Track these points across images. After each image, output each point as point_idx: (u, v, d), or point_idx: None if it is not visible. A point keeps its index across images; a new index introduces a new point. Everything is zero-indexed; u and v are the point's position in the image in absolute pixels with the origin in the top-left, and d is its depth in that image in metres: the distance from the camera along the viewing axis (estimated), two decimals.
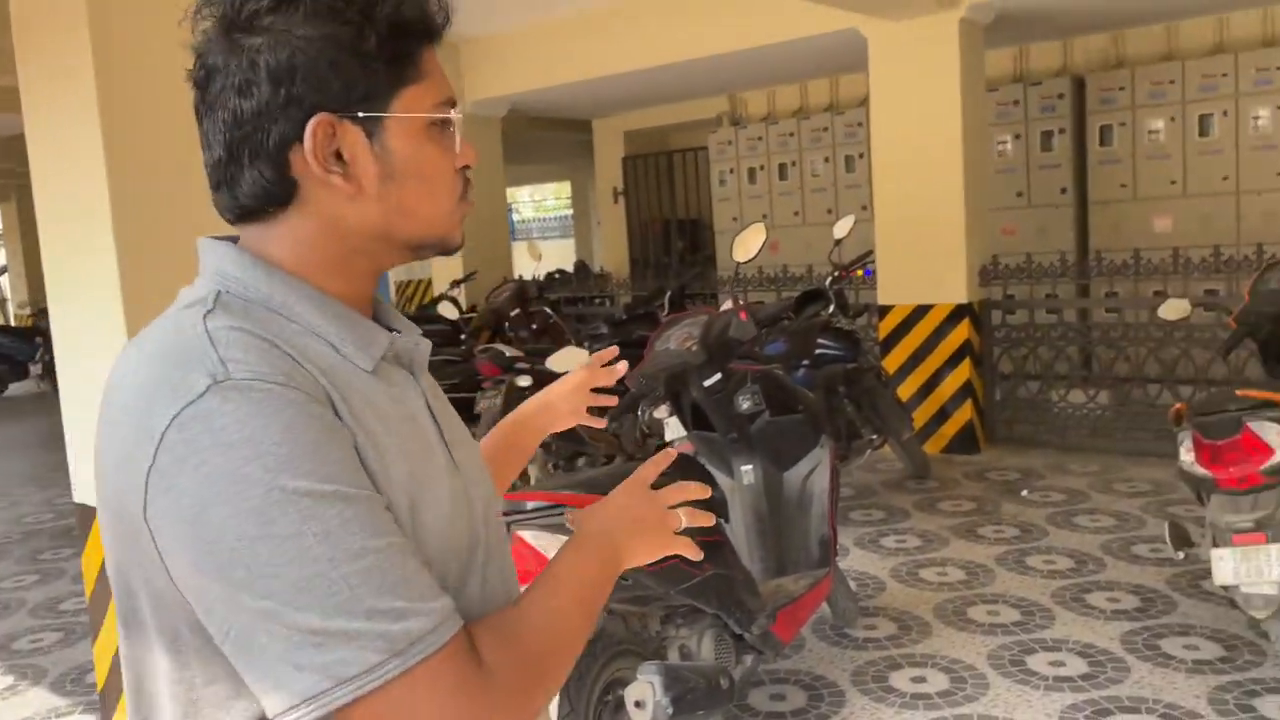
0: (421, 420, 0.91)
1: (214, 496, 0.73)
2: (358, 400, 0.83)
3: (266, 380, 0.76)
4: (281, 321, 0.84)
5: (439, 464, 0.90)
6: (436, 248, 0.93)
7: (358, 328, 0.89)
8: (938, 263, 5.89)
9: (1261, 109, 6.44)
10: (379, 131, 0.86)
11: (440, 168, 0.90)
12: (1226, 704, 2.92)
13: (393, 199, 0.87)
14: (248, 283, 0.86)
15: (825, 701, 3.11)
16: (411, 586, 0.77)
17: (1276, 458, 2.90)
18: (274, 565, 0.73)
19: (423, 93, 0.88)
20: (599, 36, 6.88)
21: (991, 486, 5.31)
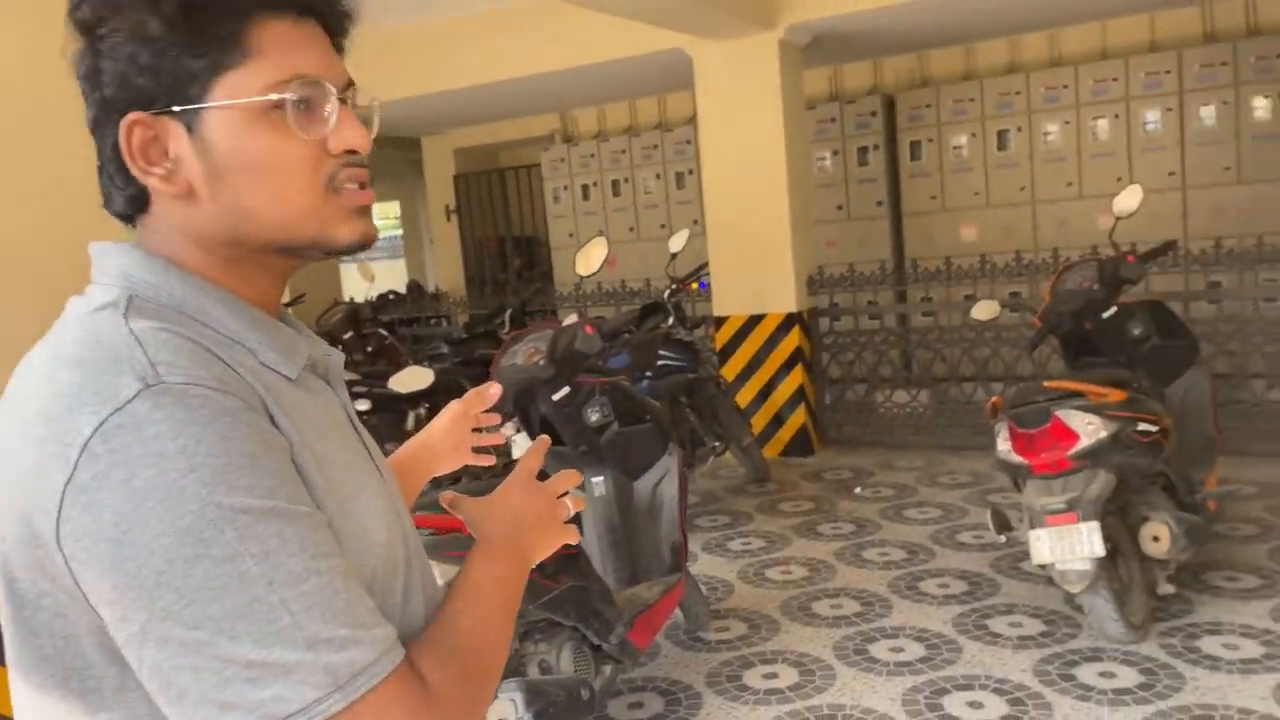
0: (347, 430, 0.87)
1: (143, 514, 0.66)
2: (290, 407, 0.78)
3: (201, 385, 0.71)
4: (198, 327, 0.78)
5: (372, 473, 0.86)
6: (310, 249, 0.84)
7: (278, 335, 0.83)
8: (768, 274, 6.11)
9: (1051, 124, 7.00)
10: (198, 125, 0.78)
11: (281, 159, 0.80)
12: (1050, 674, 3.15)
13: (226, 198, 0.80)
14: (159, 286, 0.79)
15: (683, 705, 3.17)
16: (355, 612, 0.72)
17: (1083, 443, 3.16)
18: (209, 590, 0.66)
19: (248, 75, 0.78)
20: (427, 53, 6.80)
21: (827, 486, 5.54)
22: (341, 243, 0.84)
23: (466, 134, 9.81)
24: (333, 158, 0.82)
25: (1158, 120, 6.70)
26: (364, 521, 0.80)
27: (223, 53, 0.77)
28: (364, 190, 0.85)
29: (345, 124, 0.82)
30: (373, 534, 0.80)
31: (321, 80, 0.81)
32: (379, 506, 0.83)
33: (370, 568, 0.79)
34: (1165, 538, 3.24)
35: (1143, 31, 6.91)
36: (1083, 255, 4.69)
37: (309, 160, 0.81)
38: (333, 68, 0.83)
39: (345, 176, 0.83)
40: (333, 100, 0.82)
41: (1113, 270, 3.86)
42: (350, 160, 0.83)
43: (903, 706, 3.03)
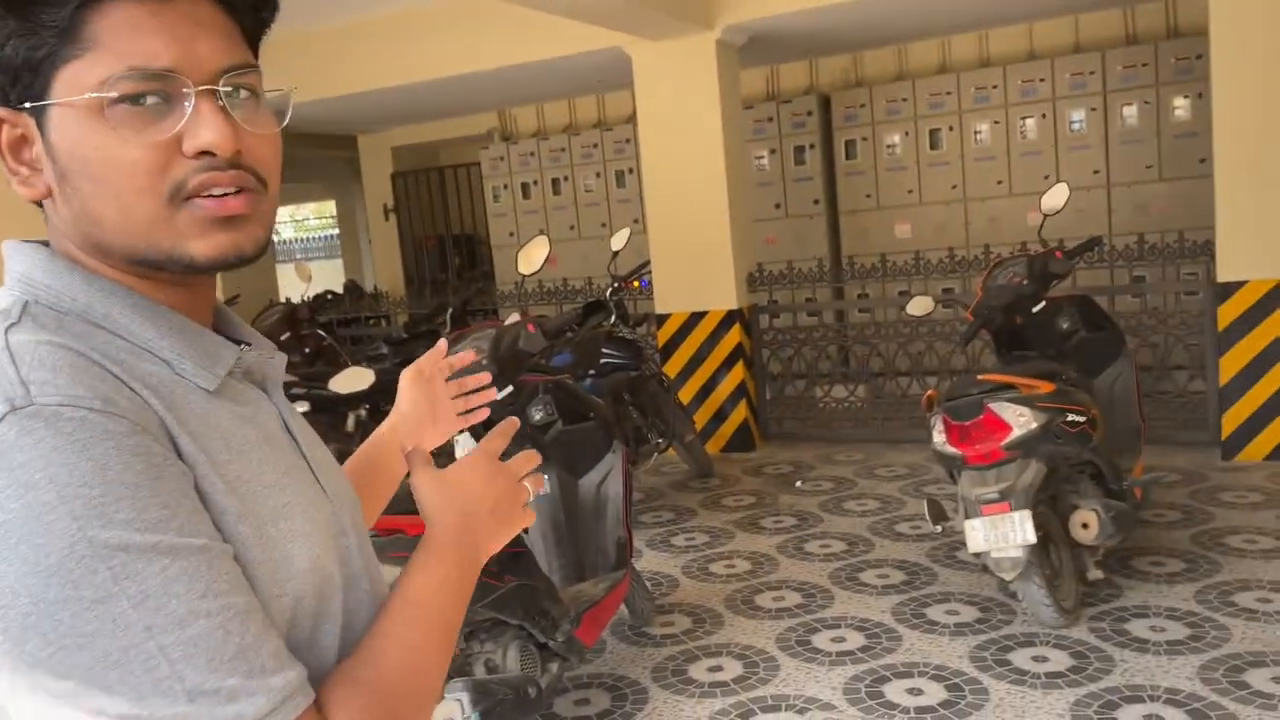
0: (279, 443, 0.80)
1: (7, 552, 0.60)
2: (199, 425, 0.72)
3: (79, 405, 0.64)
4: (104, 336, 0.72)
5: (304, 490, 0.79)
6: (167, 264, 0.73)
7: (198, 342, 0.77)
8: (708, 272, 6.16)
9: (981, 124, 7.17)
10: (45, 124, 0.72)
11: (116, 162, 0.70)
12: (986, 660, 3.23)
13: (74, 205, 0.73)
14: (61, 291, 0.73)
15: (629, 701, 3.19)
16: (249, 657, 0.65)
17: (1014, 434, 3.25)
18: (78, 636, 0.60)
19: (85, 68, 0.70)
20: (364, 50, 6.73)
21: (769, 480, 5.61)
22: (200, 259, 0.73)
23: (404, 132, 9.72)
24: (187, 160, 0.72)
25: (1083, 120, 6.90)
26: (287, 546, 0.73)
27: (61, 43, 0.70)
28: (223, 199, 0.73)
29: (201, 122, 0.72)
30: (296, 559, 0.74)
31: (170, 72, 0.71)
32: (306, 528, 0.76)
33: (293, 596, 0.73)
34: (1094, 525, 3.35)
35: (1068, 33, 7.10)
36: (1013, 251, 4.83)
37: (148, 164, 0.71)
38: (196, 54, 0.72)
39: (200, 183, 0.72)
40: (188, 95, 0.72)
41: (1041, 266, 3.97)
42: (209, 164, 0.72)
43: (844, 695, 3.09)
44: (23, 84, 0.71)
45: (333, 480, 0.86)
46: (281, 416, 0.83)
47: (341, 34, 6.72)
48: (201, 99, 0.72)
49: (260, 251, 0.77)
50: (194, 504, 0.67)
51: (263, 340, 0.87)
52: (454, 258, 9.90)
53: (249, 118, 0.75)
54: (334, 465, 0.90)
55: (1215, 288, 5.12)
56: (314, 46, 6.77)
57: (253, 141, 0.75)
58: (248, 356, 0.81)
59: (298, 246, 21.35)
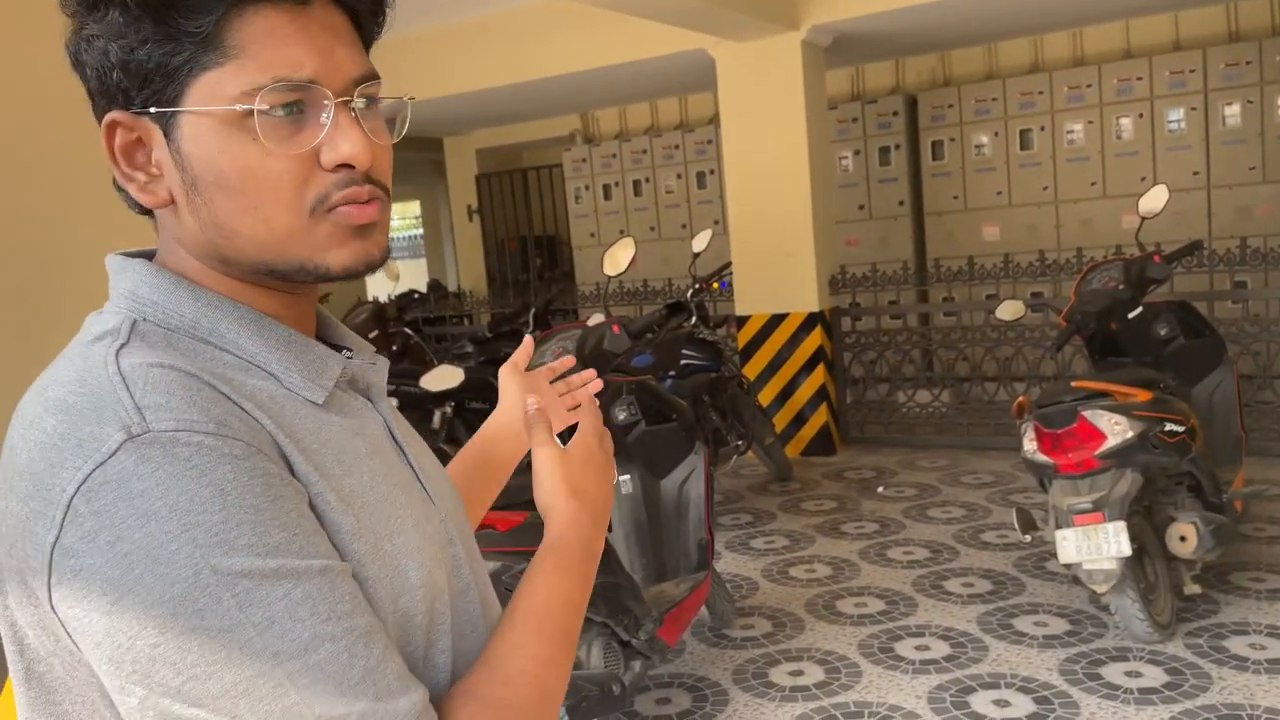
0: (387, 454, 0.78)
1: (133, 581, 0.60)
2: (311, 440, 0.70)
3: (196, 430, 0.63)
4: (213, 352, 0.71)
5: (414, 502, 0.77)
6: (298, 274, 0.73)
7: (305, 354, 0.75)
8: (790, 274, 6.12)
9: (1074, 124, 6.99)
10: (174, 131, 0.70)
11: (259, 175, 0.69)
12: (1076, 673, 3.16)
13: (204, 215, 0.71)
14: (168, 307, 0.72)
15: (710, 702, 3.20)
16: (375, 680, 0.64)
17: (1109, 443, 3.16)
18: (206, 666, 0.60)
19: (226, 77, 0.68)
20: (450, 54, 6.85)
21: (849, 485, 5.55)
22: (335, 269, 0.73)
23: (488, 134, 9.87)
24: (326, 173, 0.71)
25: (1182, 119, 6.67)
26: (401, 561, 0.72)
27: (201, 50, 0.68)
28: (363, 207, 0.73)
29: (340, 134, 0.71)
30: (411, 574, 0.72)
31: (313, 83, 0.70)
32: (418, 542, 0.74)
33: (405, 611, 0.72)
34: (1192, 538, 3.25)
35: (1167, 31, 6.88)
36: (1107, 255, 4.69)
37: (292, 177, 0.70)
38: (336, 64, 0.71)
39: (343, 197, 0.71)
40: (327, 107, 0.71)
41: (1139, 270, 3.86)
42: (348, 178, 0.72)
43: (929, 704, 3.04)
44: (152, 89, 0.70)
45: (439, 487, 0.84)
46: (387, 425, 0.81)
47: (428, 39, 6.86)
48: (339, 110, 0.71)
49: (386, 258, 0.77)
50: (312, 524, 0.66)
51: (364, 345, 0.85)
52: (535, 258, 10.02)
53: (375, 128, 0.75)
54: (440, 471, 0.88)
55: None
56: (402, 50, 6.92)
57: (378, 153, 0.74)
58: (351, 365, 0.79)
59: None
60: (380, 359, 0.84)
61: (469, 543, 0.85)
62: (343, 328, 0.86)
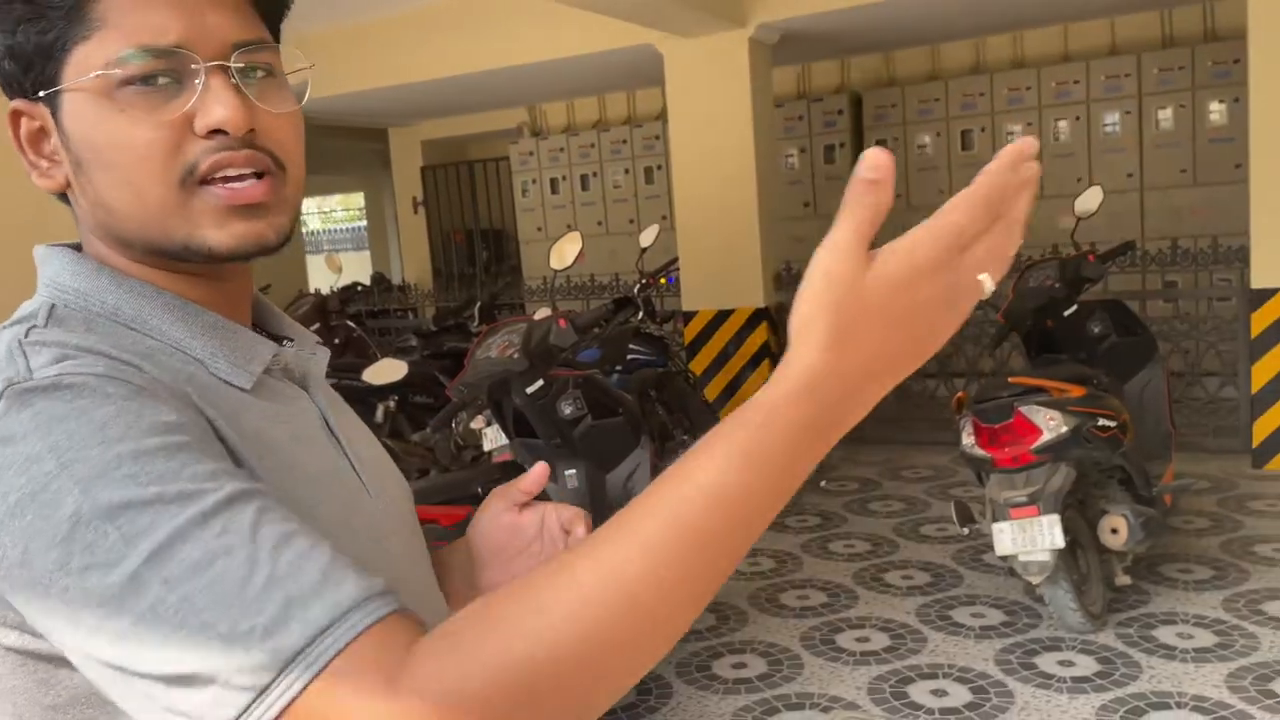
0: (315, 443, 0.76)
1: (27, 528, 0.57)
2: (228, 420, 0.68)
3: (80, 373, 0.61)
4: (136, 337, 0.70)
5: (335, 494, 0.74)
6: (184, 254, 0.70)
7: (232, 339, 0.74)
8: (736, 270, 6.16)
9: (1014, 125, 7.12)
10: (59, 112, 0.69)
11: (126, 145, 0.68)
12: (1011, 663, 3.23)
13: (90, 194, 0.70)
14: (89, 294, 0.71)
15: (654, 695, 3.21)
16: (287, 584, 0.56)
17: (1044, 437, 3.24)
18: (109, 602, 0.56)
19: (93, 49, 0.67)
20: (396, 45, 6.77)
21: None
22: (218, 249, 0.70)
23: (434, 126, 9.77)
24: (199, 140, 0.68)
25: (1117, 122, 6.84)
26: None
27: (69, 25, 0.67)
28: (240, 186, 0.69)
29: (212, 98, 0.68)
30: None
31: (179, 48, 0.67)
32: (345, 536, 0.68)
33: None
34: (1123, 530, 3.34)
35: (1103, 35, 7.05)
36: (1044, 254, 4.80)
37: (161, 145, 0.67)
38: (206, 28, 0.68)
39: (212, 164, 0.68)
40: (198, 71, 0.68)
41: (1074, 269, 3.95)
42: (221, 143, 0.68)
43: (869, 695, 3.09)
44: (36, 72, 0.69)
45: (381, 481, 0.81)
46: (323, 414, 0.79)
47: (373, 28, 6.77)
48: (212, 75, 0.68)
49: (284, 240, 0.73)
50: (207, 456, 0.61)
51: (305, 335, 0.84)
52: (481, 252, 9.95)
53: (265, 96, 0.71)
54: (383, 462, 0.84)
55: (1249, 294, 5.07)
56: (345, 40, 6.82)
57: (269, 121, 0.71)
58: (286, 353, 0.78)
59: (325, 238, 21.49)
60: (321, 349, 0.83)
61: (406, 538, 0.81)
62: (285, 318, 0.85)
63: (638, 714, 3.10)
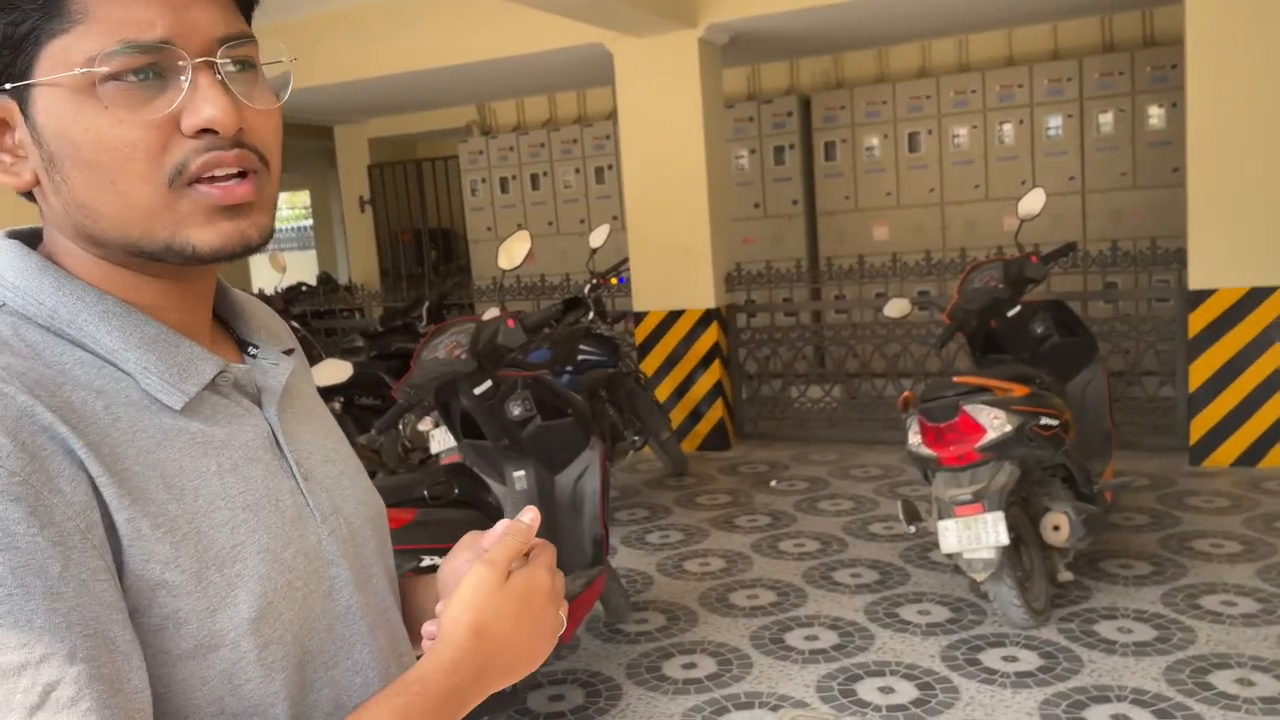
0: (253, 468, 0.72)
1: None
2: (136, 462, 0.65)
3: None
4: (62, 347, 0.67)
5: (272, 524, 0.71)
6: (165, 255, 0.69)
7: (172, 354, 0.70)
8: (687, 270, 6.17)
9: (960, 128, 7.22)
10: (29, 106, 0.66)
11: (111, 144, 0.65)
12: (957, 659, 3.26)
13: (64, 193, 0.67)
14: (29, 293, 0.68)
15: (603, 697, 3.20)
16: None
17: (989, 436, 3.28)
18: None
19: (72, 43, 0.64)
20: (342, 40, 6.68)
21: (744, 479, 5.63)
22: (203, 249, 0.68)
23: (382, 124, 9.66)
24: (188, 140, 0.66)
25: (1060, 126, 6.97)
26: (233, 591, 0.67)
27: (45, 17, 0.64)
28: (229, 186, 0.68)
29: (200, 96, 0.66)
30: (242, 605, 0.67)
31: (166, 43, 0.65)
32: (262, 570, 0.69)
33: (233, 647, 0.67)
34: (1065, 527, 3.39)
35: (1046, 40, 7.17)
36: (989, 255, 4.87)
37: (147, 145, 0.66)
38: (192, 23, 0.67)
39: (203, 164, 0.67)
40: (185, 68, 0.66)
41: (1017, 270, 4.01)
42: (210, 143, 0.67)
43: (817, 693, 3.11)
44: (3, 63, 0.66)
45: (337, 499, 0.79)
46: (273, 432, 0.76)
47: (320, 23, 6.67)
48: (199, 72, 0.66)
49: (266, 239, 0.72)
50: (46, 589, 0.58)
51: (276, 339, 0.81)
52: (430, 251, 9.86)
53: (247, 92, 0.70)
54: (345, 479, 0.81)
55: (1186, 295, 5.19)
56: (291, 35, 6.71)
57: (253, 118, 0.70)
58: (235, 370, 0.75)
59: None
60: (285, 359, 0.79)
61: (362, 560, 0.79)
62: (256, 319, 0.82)
63: (587, 716, 3.08)
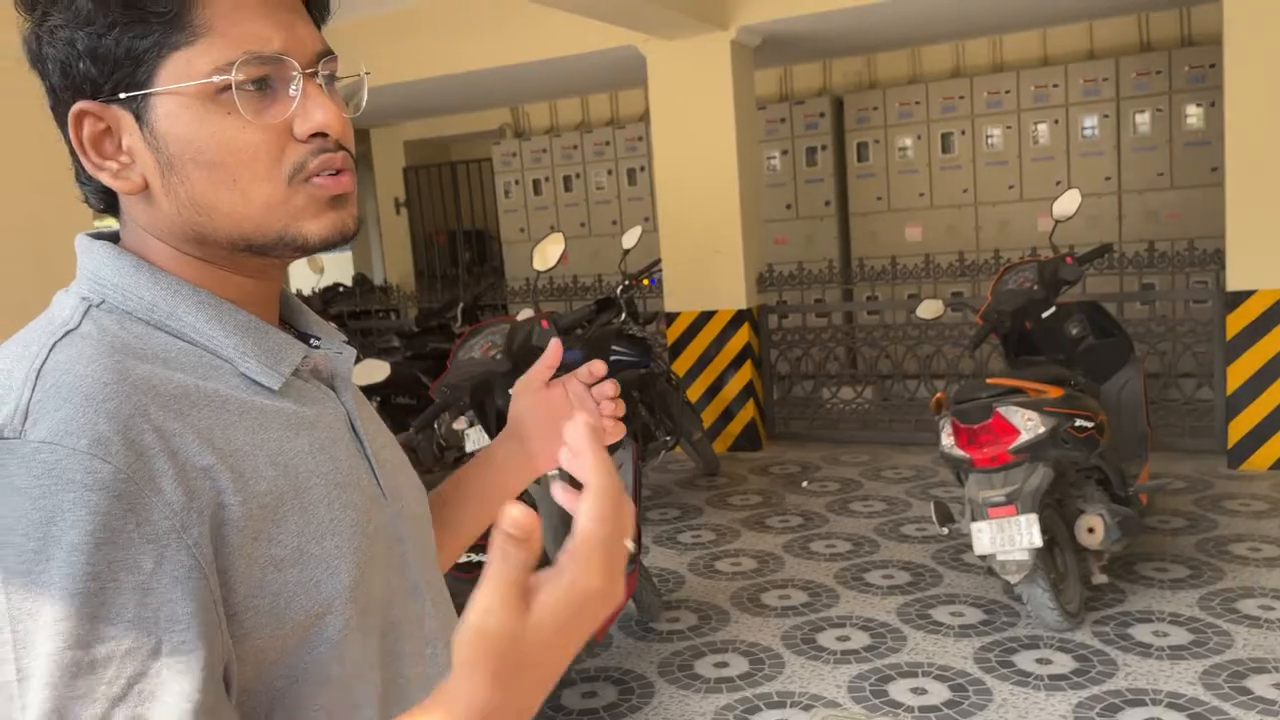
0: (339, 448, 0.77)
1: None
2: (243, 443, 0.70)
3: (62, 445, 0.62)
4: (164, 339, 0.72)
5: (357, 500, 0.76)
6: (278, 247, 0.74)
7: (264, 340, 0.76)
8: (718, 271, 6.19)
9: (994, 128, 7.18)
10: (147, 114, 0.71)
11: (236, 148, 0.71)
12: (989, 661, 3.26)
13: (181, 194, 0.72)
14: (128, 290, 0.73)
15: (636, 694, 3.23)
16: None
17: (1022, 438, 3.27)
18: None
19: (196, 55, 0.70)
20: (378, 45, 6.76)
21: (775, 480, 5.63)
22: (313, 239, 0.74)
23: (417, 126, 9.76)
24: (300, 143, 0.73)
25: (1095, 126, 6.91)
26: (332, 563, 0.71)
27: (169, 31, 0.70)
28: (338, 177, 0.75)
29: (312, 104, 0.73)
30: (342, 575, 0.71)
31: (282, 55, 0.72)
32: (355, 542, 0.73)
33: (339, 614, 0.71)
34: (1100, 529, 3.37)
35: (1082, 40, 7.11)
36: (1023, 256, 4.84)
37: (268, 148, 0.72)
38: (299, 38, 0.74)
39: (319, 164, 0.73)
40: (296, 78, 0.73)
41: (1052, 271, 3.99)
42: (321, 145, 0.74)
43: (849, 693, 3.12)
44: (121, 74, 0.71)
45: (397, 482, 0.83)
46: (349, 416, 0.81)
47: (356, 29, 6.76)
48: (308, 82, 0.73)
49: (358, 229, 0.78)
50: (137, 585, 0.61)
51: (332, 332, 0.86)
52: (464, 253, 9.94)
53: (339, 101, 0.77)
54: (402, 465, 0.87)
55: (1224, 296, 5.13)
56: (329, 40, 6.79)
57: (345, 123, 0.77)
58: (316, 354, 0.80)
59: None
60: (347, 348, 0.84)
61: (422, 541, 0.84)
62: (311, 315, 0.87)
63: (620, 713, 3.11)
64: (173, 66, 0.70)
